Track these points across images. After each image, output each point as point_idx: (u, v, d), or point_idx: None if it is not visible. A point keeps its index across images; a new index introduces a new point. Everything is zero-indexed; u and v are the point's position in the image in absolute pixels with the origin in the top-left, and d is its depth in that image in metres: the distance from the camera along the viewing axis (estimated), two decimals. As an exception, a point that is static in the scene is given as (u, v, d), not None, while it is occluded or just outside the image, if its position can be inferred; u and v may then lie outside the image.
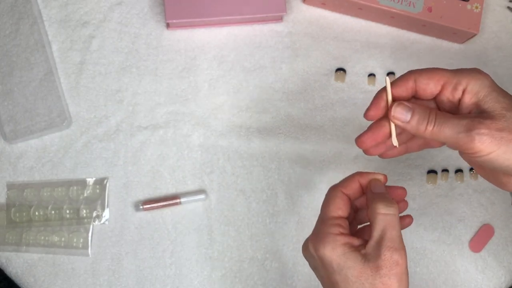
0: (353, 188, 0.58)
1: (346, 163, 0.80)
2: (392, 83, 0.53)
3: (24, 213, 0.77)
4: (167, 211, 0.78)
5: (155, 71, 0.80)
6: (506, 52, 0.84)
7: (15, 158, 0.78)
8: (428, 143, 0.58)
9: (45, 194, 0.77)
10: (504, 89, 0.53)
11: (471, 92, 0.51)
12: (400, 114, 0.52)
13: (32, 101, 0.78)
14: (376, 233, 0.53)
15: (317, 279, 0.59)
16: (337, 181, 0.79)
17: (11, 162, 0.78)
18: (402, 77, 0.53)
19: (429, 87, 0.52)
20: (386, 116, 0.55)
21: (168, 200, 0.77)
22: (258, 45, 0.82)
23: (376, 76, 0.82)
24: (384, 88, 0.54)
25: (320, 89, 0.81)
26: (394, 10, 0.78)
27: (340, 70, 0.82)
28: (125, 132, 0.79)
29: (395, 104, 0.53)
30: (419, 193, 0.80)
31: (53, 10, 0.80)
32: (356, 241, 0.54)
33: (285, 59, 0.82)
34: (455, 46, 0.84)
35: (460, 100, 0.52)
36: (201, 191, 0.78)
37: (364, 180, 0.58)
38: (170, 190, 0.78)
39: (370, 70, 0.82)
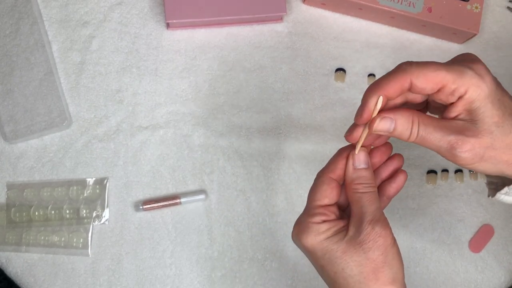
0: (341, 169, 0.56)
1: (346, 163, 0.80)
2: (384, 80, 0.51)
3: (24, 213, 0.77)
4: (167, 211, 0.78)
5: (155, 71, 0.80)
6: (506, 52, 0.84)
7: (15, 158, 0.78)
8: None
9: (45, 194, 0.77)
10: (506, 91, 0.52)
11: (466, 100, 0.49)
12: (383, 127, 0.51)
13: (32, 101, 0.78)
14: (356, 210, 0.53)
15: (317, 279, 0.59)
16: (337, 181, 0.80)
17: (11, 162, 0.78)
18: (397, 75, 0.50)
19: (425, 90, 0.49)
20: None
21: (168, 200, 0.77)
22: (258, 45, 0.82)
23: (376, 76, 0.82)
24: (371, 89, 0.52)
25: (320, 89, 0.81)
26: (394, 10, 0.78)
27: (340, 70, 0.82)
28: (125, 132, 0.79)
29: (378, 119, 0.51)
30: (418, 193, 0.80)
31: (53, 10, 0.80)
32: (341, 223, 0.54)
33: (285, 59, 0.82)
34: (455, 46, 0.84)
35: (452, 103, 0.50)
36: (201, 191, 0.78)
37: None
38: (170, 190, 0.78)
39: (370, 70, 0.82)
